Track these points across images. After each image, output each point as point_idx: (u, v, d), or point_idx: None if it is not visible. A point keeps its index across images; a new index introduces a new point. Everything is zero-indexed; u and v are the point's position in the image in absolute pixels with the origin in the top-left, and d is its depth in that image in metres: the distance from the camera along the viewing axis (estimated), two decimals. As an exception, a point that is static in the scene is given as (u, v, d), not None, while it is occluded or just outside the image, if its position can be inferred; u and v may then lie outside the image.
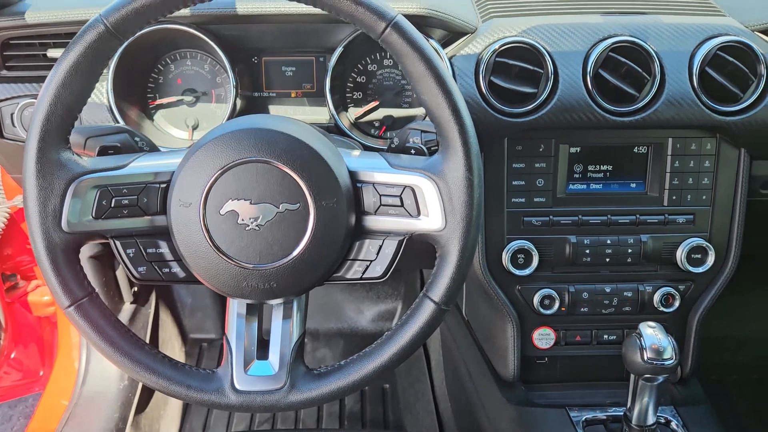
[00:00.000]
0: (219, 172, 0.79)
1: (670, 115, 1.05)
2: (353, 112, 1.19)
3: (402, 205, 0.82)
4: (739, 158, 1.12)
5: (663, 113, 1.05)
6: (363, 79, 1.18)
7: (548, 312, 1.15)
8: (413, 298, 1.96)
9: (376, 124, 1.20)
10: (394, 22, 0.76)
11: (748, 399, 1.79)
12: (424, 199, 0.81)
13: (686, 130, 1.10)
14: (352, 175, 0.84)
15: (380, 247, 0.84)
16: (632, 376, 0.99)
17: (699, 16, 1.12)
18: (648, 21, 1.09)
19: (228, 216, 0.79)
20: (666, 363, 0.94)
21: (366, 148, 1.10)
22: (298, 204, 0.79)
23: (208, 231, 0.79)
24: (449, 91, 0.78)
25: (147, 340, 1.79)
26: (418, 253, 0.90)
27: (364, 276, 0.85)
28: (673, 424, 1.10)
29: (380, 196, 0.83)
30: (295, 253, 0.80)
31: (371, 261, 0.85)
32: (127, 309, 1.72)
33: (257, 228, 0.79)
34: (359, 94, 1.19)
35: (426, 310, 0.82)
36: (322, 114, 1.18)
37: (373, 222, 0.84)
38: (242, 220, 0.79)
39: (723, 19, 1.12)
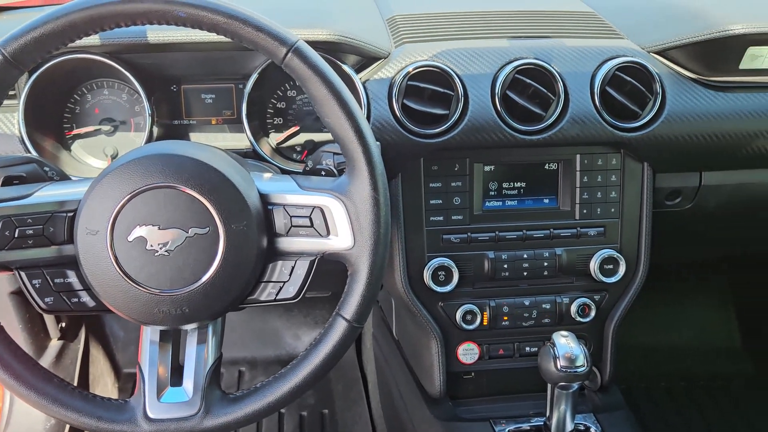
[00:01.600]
0: (126, 198, 0.79)
1: (575, 132, 1.10)
2: (274, 138, 1.20)
3: (312, 225, 0.84)
4: (642, 172, 1.18)
5: (568, 131, 1.10)
6: (283, 104, 1.20)
7: (471, 327, 1.18)
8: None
9: (298, 149, 1.21)
10: (295, 47, 0.79)
11: (664, 404, 1.85)
12: (333, 219, 0.83)
13: (592, 147, 1.15)
14: (263, 197, 0.85)
15: (293, 268, 0.86)
16: (549, 386, 1.02)
17: (599, 39, 1.18)
18: (552, 44, 1.15)
19: (136, 242, 0.79)
20: (579, 370, 0.98)
21: (286, 172, 1.12)
22: (208, 228, 0.80)
23: (116, 258, 0.79)
24: (352, 114, 0.80)
25: (76, 377, 1.74)
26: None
27: (277, 297, 0.86)
28: (592, 430, 1.13)
29: (291, 217, 0.84)
30: (206, 277, 0.80)
31: (284, 282, 0.86)
32: (54, 345, 1.67)
33: (167, 253, 0.79)
34: (280, 120, 1.21)
35: (338, 329, 0.83)
36: (243, 140, 1.19)
37: (285, 243, 0.85)
38: (151, 245, 0.79)
39: (621, 41, 1.19)
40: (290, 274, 0.85)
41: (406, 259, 1.15)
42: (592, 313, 1.20)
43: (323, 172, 0.92)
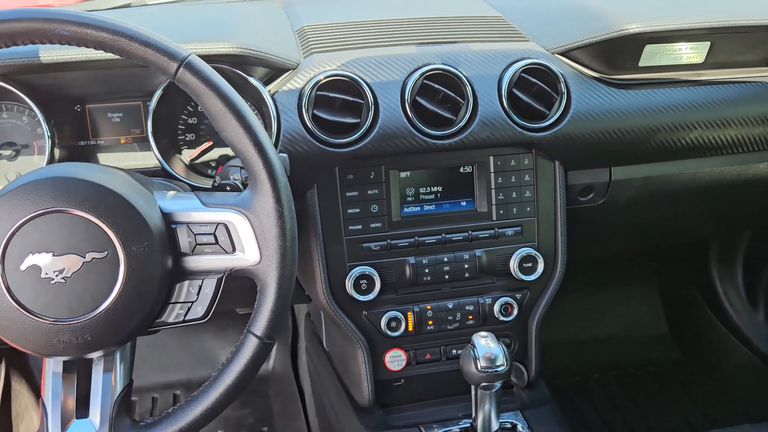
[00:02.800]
0: (16, 226, 0.75)
1: (485, 135, 1.12)
2: (187, 154, 1.18)
3: (217, 242, 0.82)
4: (554, 170, 1.20)
5: (478, 134, 1.12)
6: (194, 120, 1.18)
7: (396, 334, 1.18)
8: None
9: (213, 165, 1.19)
10: (187, 61, 0.77)
11: (597, 395, 1.90)
12: (238, 235, 0.82)
13: (504, 148, 1.17)
14: (166, 216, 0.83)
15: (200, 287, 0.84)
16: (472, 387, 1.03)
17: (505, 42, 1.21)
18: (459, 49, 1.17)
19: (29, 271, 0.76)
20: (499, 369, 0.99)
21: (197, 189, 1.09)
22: (106, 252, 0.77)
23: (9, 289, 0.75)
24: (250, 127, 0.79)
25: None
26: None
27: (186, 318, 0.84)
28: (519, 428, 1.15)
29: (195, 235, 0.82)
30: (108, 302, 0.77)
31: (192, 302, 0.84)
32: (-28, 382, 1.59)
33: (63, 281, 0.76)
34: (192, 136, 1.18)
35: (249, 346, 0.82)
36: (153, 158, 1.16)
37: (190, 262, 0.83)
38: (46, 273, 0.76)
39: (526, 44, 1.21)
40: (198, 294, 0.84)
41: (327, 269, 1.14)
42: (515, 312, 1.22)
43: (228, 188, 0.90)
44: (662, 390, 1.93)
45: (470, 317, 1.21)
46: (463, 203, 1.20)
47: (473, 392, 1.03)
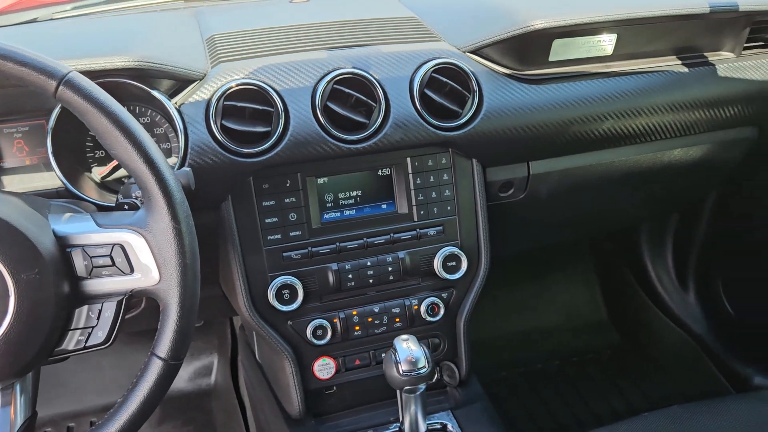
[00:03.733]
0: None
1: (399, 137, 1.12)
2: (97, 172, 1.14)
3: (114, 264, 0.79)
4: (472, 168, 1.21)
5: (392, 136, 1.11)
6: (102, 136, 1.14)
7: (323, 342, 1.16)
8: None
9: (125, 181, 1.15)
10: (66, 79, 0.74)
11: (541, 385, 1.93)
12: (136, 255, 0.79)
13: (421, 148, 1.17)
14: (60, 240, 0.79)
15: (100, 311, 0.81)
16: (397, 391, 1.03)
17: (416, 43, 1.21)
18: (369, 52, 1.16)
19: None
20: (421, 372, 0.99)
21: (103, 209, 1.06)
22: None
23: None
24: (140, 143, 0.77)
25: None
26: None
27: (87, 345, 0.81)
28: (449, 427, 1.15)
29: (91, 258, 0.79)
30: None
31: (93, 327, 0.81)
32: None
33: None
34: (101, 153, 1.14)
35: (154, 369, 0.79)
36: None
37: (89, 286, 0.80)
38: (-69, 308, 0.72)
39: (437, 44, 1.21)
40: (98, 318, 0.81)
41: (247, 281, 1.12)
42: (442, 311, 1.22)
43: (126, 206, 0.87)
44: (603, 374, 1.97)
45: (397, 320, 1.21)
46: (384, 206, 1.19)
47: (398, 396, 1.03)
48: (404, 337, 1.01)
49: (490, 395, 1.29)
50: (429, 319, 1.21)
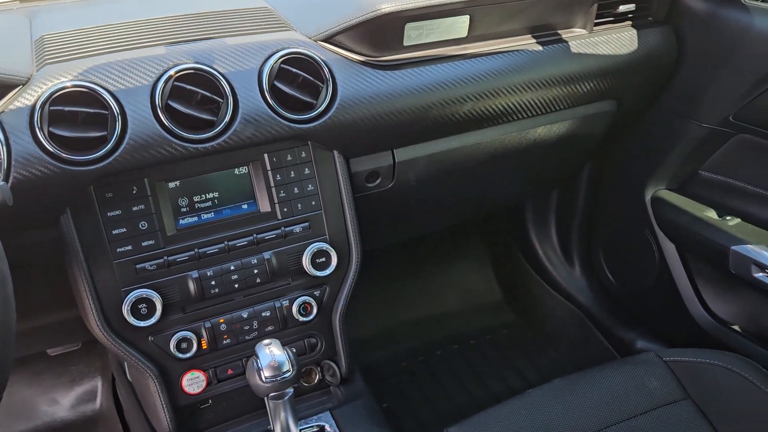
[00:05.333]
0: None
1: (250, 133, 1.07)
2: None
3: None
4: (334, 160, 1.18)
5: (243, 133, 1.06)
6: None
7: (189, 355, 1.10)
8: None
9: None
10: None
11: (440, 371, 1.94)
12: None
13: (277, 143, 1.12)
14: None
15: None
16: (265, 399, 0.98)
17: (265, 34, 1.15)
18: (213, 45, 1.10)
19: None
20: (286, 376, 0.95)
21: None
22: None
23: None
24: None
25: None
26: None
27: None
28: (327, 428, 1.12)
29: None
30: None
31: None
32: None
33: None
34: None
35: None
36: None
37: None
38: None
39: (287, 33, 1.17)
40: None
41: (98, 299, 1.04)
42: (315, 310, 1.18)
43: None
44: (500, 354, 2.00)
45: (269, 323, 1.16)
46: (245, 206, 1.14)
47: (266, 404, 0.98)
48: (266, 341, 0.97)
49: (389, 387, 1.27)
50: (302, 319, 1.17)
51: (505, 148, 1.37)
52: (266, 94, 1.08)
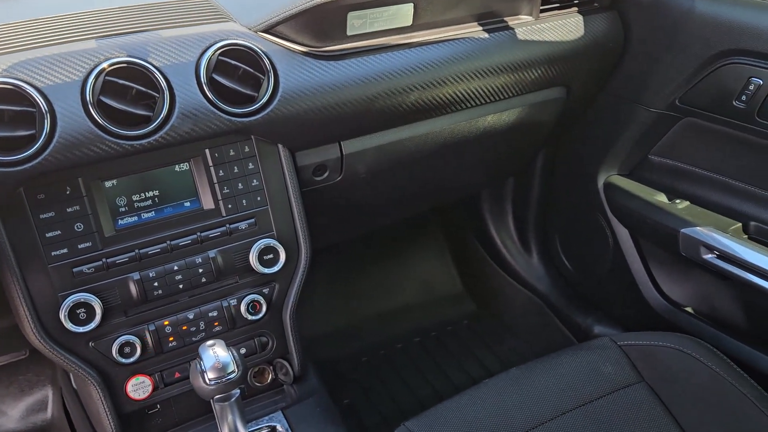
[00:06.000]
0: None
1: (188, 128, 1.03)
2: None
3: None
4: (279, 154, 1.15)
5: (181, 128, 1.02)
6: None
7: (132, 359, 1.07)
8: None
9: None
10: None
11: (401, 364, 1.93)
12: None
13: (219, 138, 1.09)
14: None
15: None
16: (211, 401, 0.95)
17: (203, 25, 1.12)
18: (149, 38, 1.06)
19: None
20: (231, 377, 0.92)
21: None
22: None
23: None
24: None
25: None
26: None
27: None
28: (279, 428, 1.09)
29: None
30: None
31: None
32: None
33: None
34: None
35: None
36: None
37: None
38: None
39: (226, 24, 1.13)
40: None
41: (32, 305, 1.00)
42: (264, 308, 1.15)
43: None
44: (461, 345, 1.99)
45: (216, 323, 1.13)
46: (187, 204, 1.10)
47: (213, 407, 0.95)
48: (210, 342, 0.94)
49: (350, 383, 1.25)
50: (251, 318, 1.15)
51: (455, 137, 1.36)
52: (204, 88, 1.04)
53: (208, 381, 0.90)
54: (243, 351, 1.17)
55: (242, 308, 1.13)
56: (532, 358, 1.53)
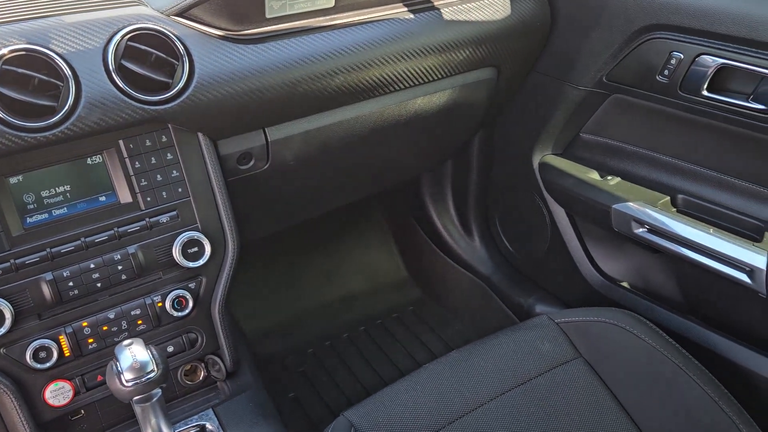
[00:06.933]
0: None
1: (97, 118, 0.98)
2: None
3: None
4: (199, 143, 1.10)
5: (89, 118, 0.97)
6: None
7: (49, 364, 1.01)
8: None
9: None
10: None
11: (347, 355, 1.91)
12: None
13: (133, 128, 1.04)
14: None
15: None
16: (131, 403, 0.91)
17: (110, 10, 1.06)
18: (50, 24, 0.99)
19: None
20: (150, 376, 0.88)
21: None
22: None
23: None
24: None
25: None
26: None
27: None
28: (209, 426, 1.06)
29: None
30: None
31: None
32: None
33: None
34: None
35: None
36: None
37: None
38: None
39: (135, 8, 1.08)
40: None
41: None
42: (191, 304, 1.11)
43: None
44: (406, 331, 1.99)
45: (140, 322, 1.08)
46: (103, 198, 1.05)
47: (134, 409, 0.91)
48: (127, 342, 0.89)
49: (295, 376, 1.21)
50: (178, 314, 1.10)
51: (385, 121, 1.33)
52: (113, 75, 0.99)
53: (125, 382, 0.86)
54: (171, 349, 1.12)
55: (167, 305, 1.09)
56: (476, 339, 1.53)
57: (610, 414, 1.13)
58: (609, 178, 1.46)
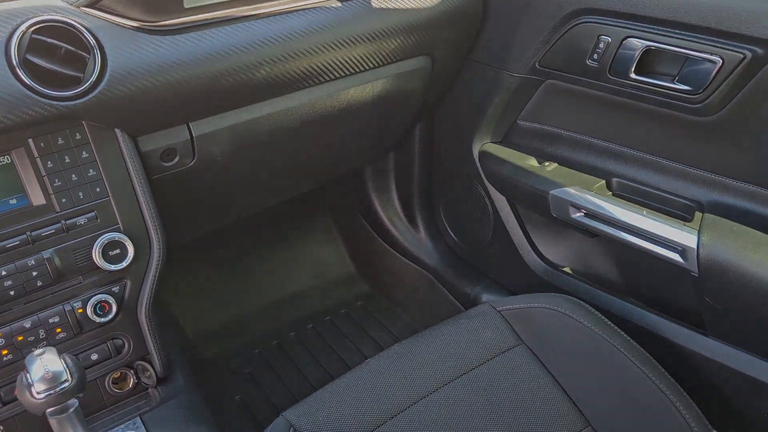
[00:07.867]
0: None
1: (1, 116, 0.92)
2: None
3: None
4: (117, 140, 1.05)
5: None
6: None
7: (-41, 379, 0.95)
8: None
9: None
10: None
11: (295, 353, 1.88)
12: None
13: (43, 126, 0.98)
14: None
15: None
16: (47, 416, 0.86)
17: (17, 1, 1.00)
18: None
19: None
20: (64, 387, 0.83)
21: None
22: None
23: None
24: None
25: None
26: None
27: None
28: (134, 436, 1.02)
29: None
30: None
31: None
32: None
33: None
34: None
35: None
36: None
37: None
38: None
39: (42, 0, 1.02)
40: None
41: None
42: (115, 308, 1.06)
43: None
44: (354, 326, 1.96)
45: (59, 330, 1.03)
46: (13, 201, 0.99)
47: (50, 422, 0.86)
48: (38, 351, 0.85)
49: (242, 378, 1.17)
50: (101, 320, 1.05)
51: (317, 113, 1.30)
52: (18, 71, 0.93)
53: (36, 394, 0.81)
54: (95, 357, 1.07)
55: (89, 311, 1.04)
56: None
57: (553, 398, 1.13)
58: (546, 164, 1.46)
